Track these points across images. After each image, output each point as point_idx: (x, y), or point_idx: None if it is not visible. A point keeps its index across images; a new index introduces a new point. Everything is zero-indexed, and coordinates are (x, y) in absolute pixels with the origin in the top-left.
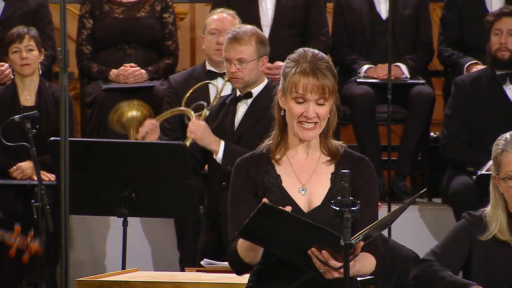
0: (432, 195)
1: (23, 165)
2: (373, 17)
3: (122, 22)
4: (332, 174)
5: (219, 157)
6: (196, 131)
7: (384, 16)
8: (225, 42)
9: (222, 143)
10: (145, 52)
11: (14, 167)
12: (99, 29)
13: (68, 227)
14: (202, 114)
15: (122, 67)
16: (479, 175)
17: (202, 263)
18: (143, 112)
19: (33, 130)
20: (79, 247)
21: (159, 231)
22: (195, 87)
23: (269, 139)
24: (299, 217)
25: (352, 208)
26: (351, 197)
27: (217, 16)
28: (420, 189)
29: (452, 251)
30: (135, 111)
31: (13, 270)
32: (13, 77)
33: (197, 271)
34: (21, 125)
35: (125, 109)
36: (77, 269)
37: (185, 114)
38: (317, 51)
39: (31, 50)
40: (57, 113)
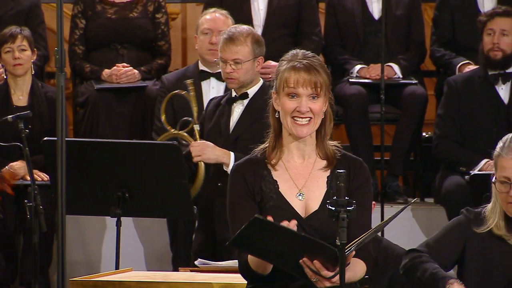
0: (424, 195)
1: (15, 164)
2: (365, 17)
3: (114, 22)
4: (328, 177)
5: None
6: (201, 152)
7: (376, 16)
8: (220, 42)
9: (232, 155)
10: (138, 52)
11: (6, 167)
12: (91, 29)
13: (65, 227)
14: (195, 132)
15: (114, 67)
16: (473, 175)
17: (196, 263)
18: None
19: (26, 130)
20: (72, 247)
21: (151, 231)
22: (167, 98)
23: (265, 143)
24: (291, 229)
25: (347, 208)
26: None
27: (209, 16)
28: (412, 189)
29: (445, 245)
30: None
31: (6, 270)
32: (5, 77)
33: (191, 271)
34: (14, 125)
35: None
36: (71, 269)
37: (179, 137)
38: (308, 52)
39: (23, 50)
40: (49, 113)
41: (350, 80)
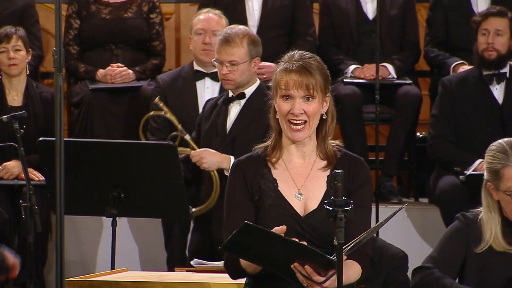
0: (418, 195)
1: (9, 164)
2: (359, 17)
3: (109, 22)
4: (328, 177)
5: None
6: (204, 159)
7: (370, 16)
8: (216, 44)
9: (232, 159)
10: (132, 52)
11: None
12: (86, 29)
13: (63, 227)
14: (189, 142)
15: (109, 67)
16: (469, 175)
17: (192, 263)
18: None
19: (21, 130)
20: (67, 247)
21: (146, 231)
22: (144, 119)
23: (267, 141)
24: (280, 236)
25: (345, 208)
26: (344, 197)
27: (203, 16)
28: (406, 189)
29: (449, 255)
30: None
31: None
32: (0, 77)
33: (187, 271)
34: (9, 125)
35: None
36: (66, 269)
37: (182, 153)
38: (306, 52)
39: (18, 50)
40: (44, 113)
41: (344, 80)
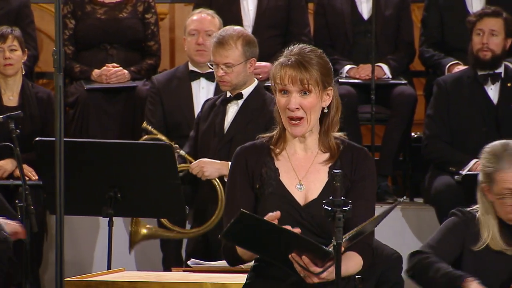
0: (413, 195)
1: (1, 162)
2: (354, 17)
3: (104, 22)
4: (330, 167)
5: None
6: (204, 168)
7: (365, 16)
8: (211, 46)
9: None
10: (128, 52)
11: None
12: (81, 29)
13: (63, 227)
14: (185, 157)
15: (104, 67)
16: (465, 175)
17: (189, 263)
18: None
19: (17, 130)
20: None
21: None
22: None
23: (274, 131)
24: (278, 225)
25: (344, 208)
26: (347, 190)
27: (196, 16)
28: (401, 189)
29: (446, 246)
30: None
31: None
32: None
33: (184, 271)
34: (5, 126)
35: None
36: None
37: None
38: (307, 46)
39: (14, 50)
40: (40, 113)
41: (339, 80)
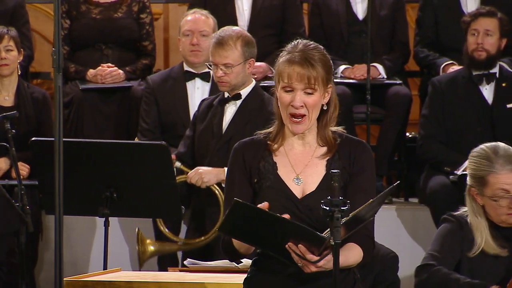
0: (408, 195)
1: None
2: (349, 17)
3: (99, 22)
4: (328, 161)
5: None
6: (203, 175)
7: (360, 16)
8: (210, 46)
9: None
10: (123, 52)
11: None
12: (76, 29)
13: (62, 227)
14: (181, 168)
15: (99, 67)
16: (461, 174)
17: (185, 262)
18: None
19: (13, 130)
20: None
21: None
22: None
23: (271, 128)
24: (272, 213)
25: (342, 208)
26: (346, 183)
27: (190, 17)
28: (396, 189)
29: (448, 253)
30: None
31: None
32: None
33: (181, 271)
34: (0, 126)
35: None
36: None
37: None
38: (311, 42)
39: (10, 50)
40: (35, 113)
41: (334, 80)
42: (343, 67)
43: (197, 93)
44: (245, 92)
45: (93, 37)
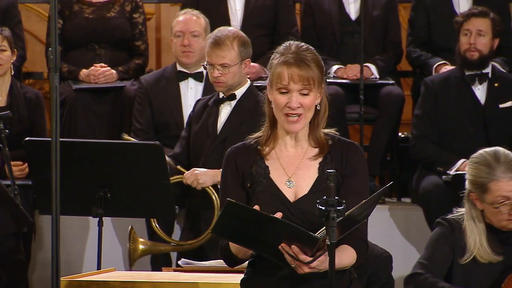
0: (401, 195)
1: None
2: (342, 17)
3: (92, 22)
4: (320, 163)
5: None
6: (199, 176)
7: (353, 16)
8: (207, 46)
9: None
10: (115, 52)
11: None
12: (69, 29)
13: (59, 228)
14: (179, 170)
15: (92, 67)
16: (455, 175)
17: (179, 262)
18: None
19: (6, 130)
20: (49, 247)
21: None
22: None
23: (261, 131)
24: (265, 213)
25: (338, 207)
26: (339, 186)
27: (181, 17)
28: (388, 189)
29: (437, 261)
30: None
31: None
32: None
33: (175, 270)
34: None
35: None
36: (49, 270)
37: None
38: (302, 43)
39: (3, 50)
40: (28, 113)
41: (327, 80)
42: (335, 67)
43: (190, 93)
44: (240, 92)
45: (86, 37)
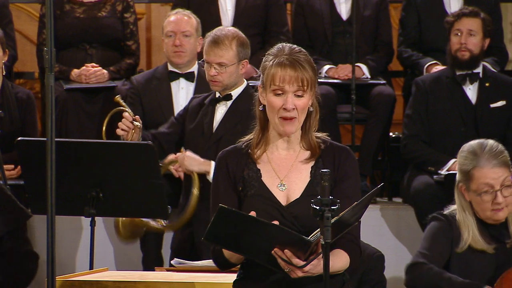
0: (392, 194)
1: None
2: (333, 17)
3: (83, 21)
4: (312, 167)
5: (211, 177)
6: (181, 162)
7: (344, 16)
8: (205, 45)
9: (212, 164)
10: (107, 52)
11: None
12: (60, 28)
13: (54, 228)
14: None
15: (83, 67)
16: (447, 174)
17: (172, 262)
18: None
19: None
20: (44, 248)
21: None
22: (109, 114)
23: (251, 134)
24: (257, 218)
25: (332, 207)
26: (331, 189)
27: (172, 18)
28: (380, 189)
29: (438, 253)
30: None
31: None
32: None
33: (168, 270)
34: None
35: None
36: (44, 270)
37: (168, 170)
38: (294, 46)
39: None
40: (20, 114)
41: (318, 80)
42: (327, 67)
43: (182, 93)
44: (236, 92)
45: (77, 37)
